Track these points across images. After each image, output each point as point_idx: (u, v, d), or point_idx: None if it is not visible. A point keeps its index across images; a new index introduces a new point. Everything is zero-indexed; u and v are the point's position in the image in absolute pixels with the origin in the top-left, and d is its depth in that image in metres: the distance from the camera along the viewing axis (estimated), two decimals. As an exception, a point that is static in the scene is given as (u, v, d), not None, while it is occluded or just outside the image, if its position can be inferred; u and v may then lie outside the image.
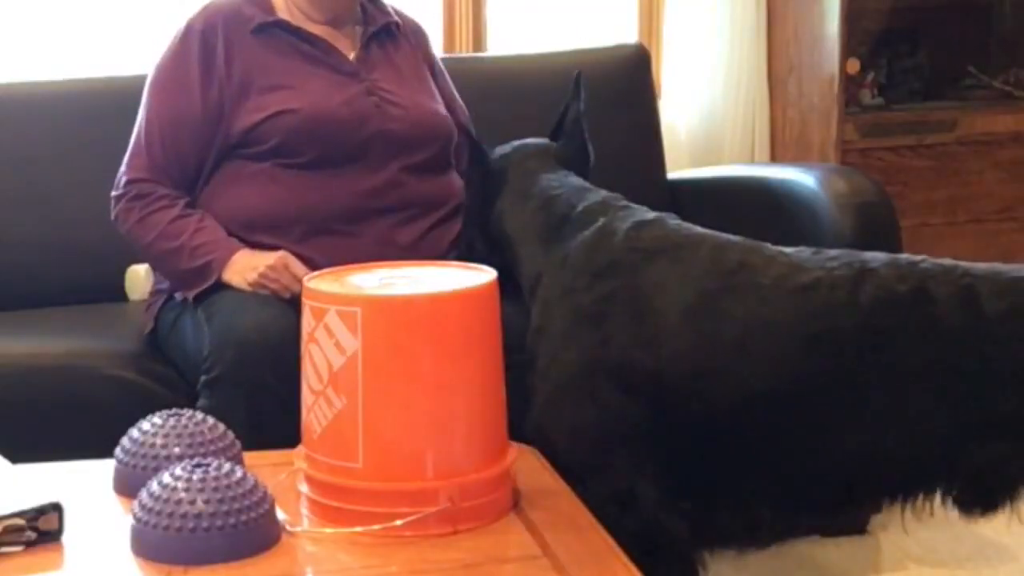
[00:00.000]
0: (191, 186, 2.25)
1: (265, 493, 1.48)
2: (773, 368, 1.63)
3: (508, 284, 1.82)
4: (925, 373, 1.59)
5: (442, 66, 2.50)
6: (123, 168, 2.26)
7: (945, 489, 1.65)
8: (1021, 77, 3.71)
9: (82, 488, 1.64)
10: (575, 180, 1.95)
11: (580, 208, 1.86)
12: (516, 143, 2.05)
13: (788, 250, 1.73)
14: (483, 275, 1.58)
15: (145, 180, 2.22)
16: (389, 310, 1.50)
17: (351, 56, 2.30)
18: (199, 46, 2.23)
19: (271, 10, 2.29)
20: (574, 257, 1.79)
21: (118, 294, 2.67)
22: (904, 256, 1.69)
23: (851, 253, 1.70)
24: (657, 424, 1.68)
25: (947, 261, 1.66)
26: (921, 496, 1.67)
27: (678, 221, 1.81)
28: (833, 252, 1.71)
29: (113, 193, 2.26)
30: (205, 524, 1.42)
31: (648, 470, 1.70)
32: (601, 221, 1.81)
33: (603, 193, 1.90)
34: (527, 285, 1.88)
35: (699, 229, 1.79)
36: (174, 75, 2.24)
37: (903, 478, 1.66)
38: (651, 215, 1.82)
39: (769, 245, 1.75)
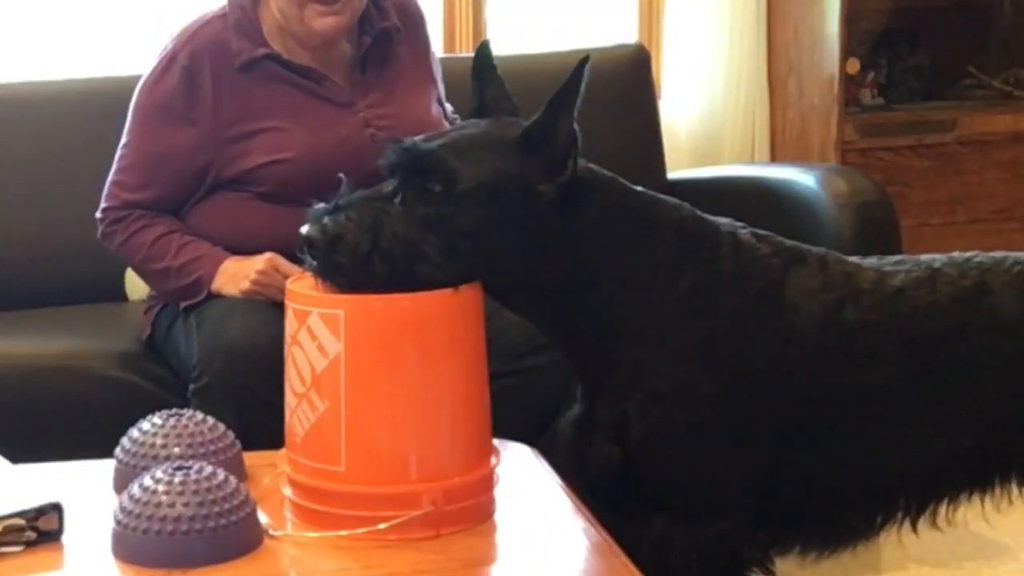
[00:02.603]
0: (174, 212, 2.21)
1: (247, 496, 1.48)
2: (881, 371, 1.65)
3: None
4: (993, 362, 1.65)
5: (434, 53, 2.42)
6: (104, 191, 2.22)
7: (1019, 472, 1.70)
8: (1021, 77, 3.71)
9: (82, 488, 1.64)
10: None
11: (711, 224, 1.69)
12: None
13: (854, 259, 1.74)
14: None
15: (121, 208, 2.20)
16: (372, 313, 1.49)
17: (345, 81, 2.23)
18: (183, 82, 2.16)
19: (261, 38, 2.19)
20: (719, 282, 1.63)
21: (118, 294, 2.68)
22: (957, 253, 1.72)
23: (910, 257, 1.73)
24: (776, 450, 1.66)
25: (998, 253, 1.72)
26: (999, 483, 1.70)
27: (764, 232, 1.74)
28: (894, 257, 1.74)
29: (96, 215, 2.24)
30: (185, 527, 1.41)
31: (752, 505, 1.67)
32: (727, 242, 1.66)
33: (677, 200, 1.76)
34: (639, 294, 1.61)
35: (786, 241, 1.73)
36: (156, 110, 2.18)
37: (983, 466, 1.70)
38: (741, 225, 1.72)
39: (838, 254, 1.74)
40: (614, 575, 1.43)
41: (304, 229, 1.54)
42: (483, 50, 1.72)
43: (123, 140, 2.23)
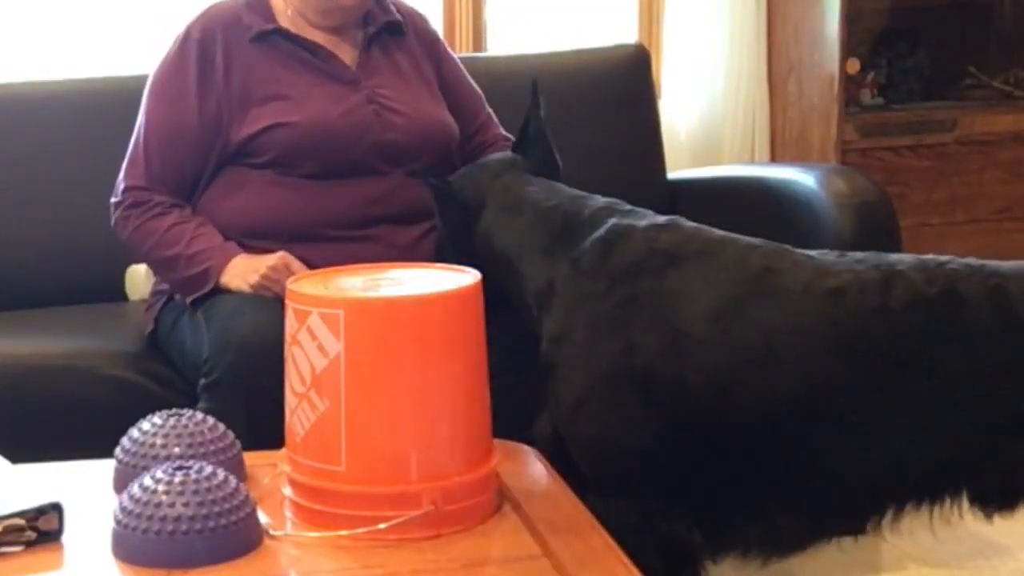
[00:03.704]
0: (189, 193, 2.24)
1: (247, 496, 1.48)
2: (802, 374, 1.61)
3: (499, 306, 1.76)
4: (955, 374, 1.58)
5: (459, 68, 2.45)
6: (121, 175, 2.25)
7: (970, 490, 1.64)
8: (1021, 77, 3.71)
9: (82, 488, 1.64)
10: (565, 188, 1.90)
11: (585, 214, 1.80)
12: (477, 163, 2.00)
13: (812, 253, 1.70)
14: (467, 277, 1.58)
15: (142, 188, 2.22)
16: (372, 312, 1.49)
17: (352, 62, 2.28)
18: (197, 55, 2.21)
19: (271, 16, 2.26)
20: (589, 259, 1.74)
21: (118, 294, 2.67)
22: (931, 256, 1.67)
23: (877, 255, 1.68)
24: (680, 435, 1.66)
25: (973, 260, 1.65)
26: (948, 498, 1.65)
27: (693, 224, 1.77)
28: (858, 255, 1.69)
29: (112, 200, 2.26)
30: (185, 527, 1.41)
31: (669, 483, 1.68)
32: (611, 222, 1.76)
33: (602, 198, 1.85)
34: (534, 299, 1.82)
35: (717, 232, 1.75)
36: (171, 85, 2.23)
37: (931, 481, 1.64)
38: (662, 218, 1.78)
39: (791, 248, 1.72)
40: (613, 575, 1.43)
41: None
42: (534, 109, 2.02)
43: (139, 122, 2.26)
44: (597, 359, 1.69)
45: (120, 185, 2.25)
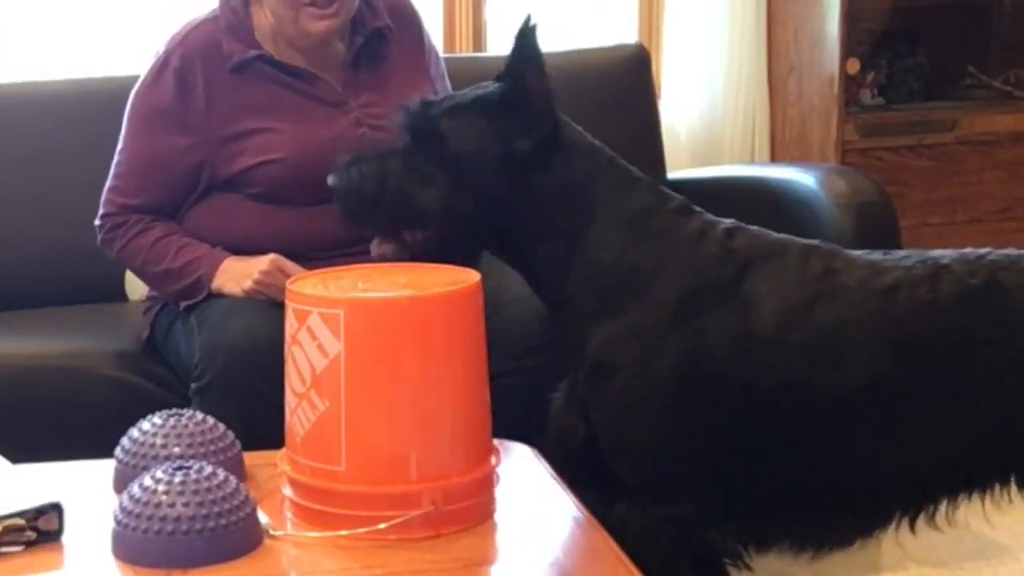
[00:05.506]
0: (171, 215, 2.22)
1: (247, 496, 1.48)
2: (863, 370, 1.63)
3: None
4: (1001, 361, 1.62)
5: (435, 49, 2.43)
6: (102, 197, 2.24)
7: (1018, 475, 1.68)
8: (1021, 77, 3.71)
9: (82, 488, 1.64)
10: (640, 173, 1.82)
11: (667, 205, 1.74)
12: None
13: (858, 252, 1.73)
14: (467, 277, 1.58)
15: (119, 214, 2.21)
16: (372, 312, 1.49)
17: (338, 81, 2.23)
18: (176, 85, 2.17)
19: (252, 39, 2.20)
20: (673, 266, 1.68)
21: (118, 294, 2.68)
22: (970, 249, 1.71)
23: (919, 252, 1.72)
24: (742, 439, 1.66)
25: (1012, 251, 1.70)
26: (996, 485, 1.69)
27: (754, 227, 1.76)
28: (902, 252, 1.73)
29: (95, 222, 2.25)
30: (185, 527, 1.41)
31: (714, 493, 1.68)
32: (692, 226, 1.72)
33: (676, 196, 1.78)
34: (584, 275, 1.70)
35: (774, 234, 1.75)
36: (149, 116, 2.20)
37: (982, 468, 1.68)
38: (727, 221, 1.76)
39: (840, 248, 1.74)
40: (613, 575, 1.43)
41: (329, 178, 1.78)
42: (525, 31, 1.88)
43: (119, 146, 2.24)
44: (662, 363, 1.65)
45: (100, 211, 2.23)
